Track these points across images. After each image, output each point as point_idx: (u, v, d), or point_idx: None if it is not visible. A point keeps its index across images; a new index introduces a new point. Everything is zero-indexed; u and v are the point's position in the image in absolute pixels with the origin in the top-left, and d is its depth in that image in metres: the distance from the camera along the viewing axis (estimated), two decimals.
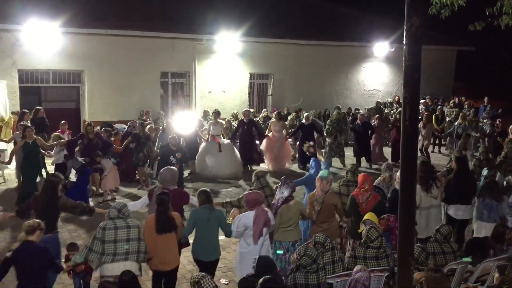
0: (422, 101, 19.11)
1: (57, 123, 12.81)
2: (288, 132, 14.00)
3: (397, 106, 18.88)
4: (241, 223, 6.14)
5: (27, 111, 12.76)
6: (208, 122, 13.09)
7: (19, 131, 11.02)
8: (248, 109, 14.40)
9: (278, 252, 6.51)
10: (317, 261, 5.22)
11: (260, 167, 13.43)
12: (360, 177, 7.12)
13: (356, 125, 14.43)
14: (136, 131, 11.84)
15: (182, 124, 12.63)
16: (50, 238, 5.99)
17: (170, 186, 6.84)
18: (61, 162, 10.81)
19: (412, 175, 3.67)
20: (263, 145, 13.67)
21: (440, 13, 7.63)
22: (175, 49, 16.68)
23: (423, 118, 14.68)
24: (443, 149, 16.89)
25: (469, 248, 6.32)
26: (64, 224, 8.82)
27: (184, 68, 17.25)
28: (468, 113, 16.60)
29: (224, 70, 17.80)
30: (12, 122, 12.91)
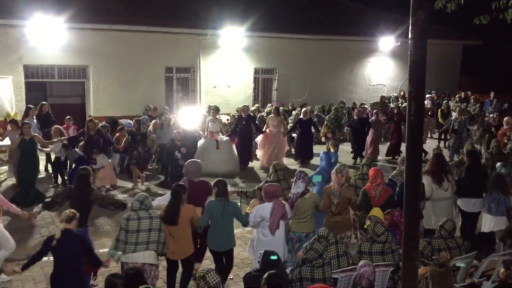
0: (428, 95, 19.03)
1: (62, 118, 12.83)
2: (286, 128, 13.98)
3: (402, 101, 18.81)
4: (258, 214, 6.28)
5: (32, 106, 12.72)
6: (207, 119, 13.04)
7: (11, 128, 11.03)
8: (247, 104, 14.41)
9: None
10: (323, 255, 5.25)
11: (252, 162, 13.66)
12: (371, 171, 7.18)
13: (353, 121, 14.35)
14: (132, 129, 11.64)
15: (186, 119, 12.58)
16: (81, 231, 6.07)
17: (195, 178, 6.96)
18: (59, 156, 10.82)
19: (418, 170, 3.65)
20: (260, 139, 13.70)
21: (446, 7, 7.57)
22: (180, 44, 16.67)
23: None
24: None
25: (475, 243, 6.32)
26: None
27: (189, 63, 17.24)
28: (472, 108, 16.51)
29: (228, 65, 17.78)
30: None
